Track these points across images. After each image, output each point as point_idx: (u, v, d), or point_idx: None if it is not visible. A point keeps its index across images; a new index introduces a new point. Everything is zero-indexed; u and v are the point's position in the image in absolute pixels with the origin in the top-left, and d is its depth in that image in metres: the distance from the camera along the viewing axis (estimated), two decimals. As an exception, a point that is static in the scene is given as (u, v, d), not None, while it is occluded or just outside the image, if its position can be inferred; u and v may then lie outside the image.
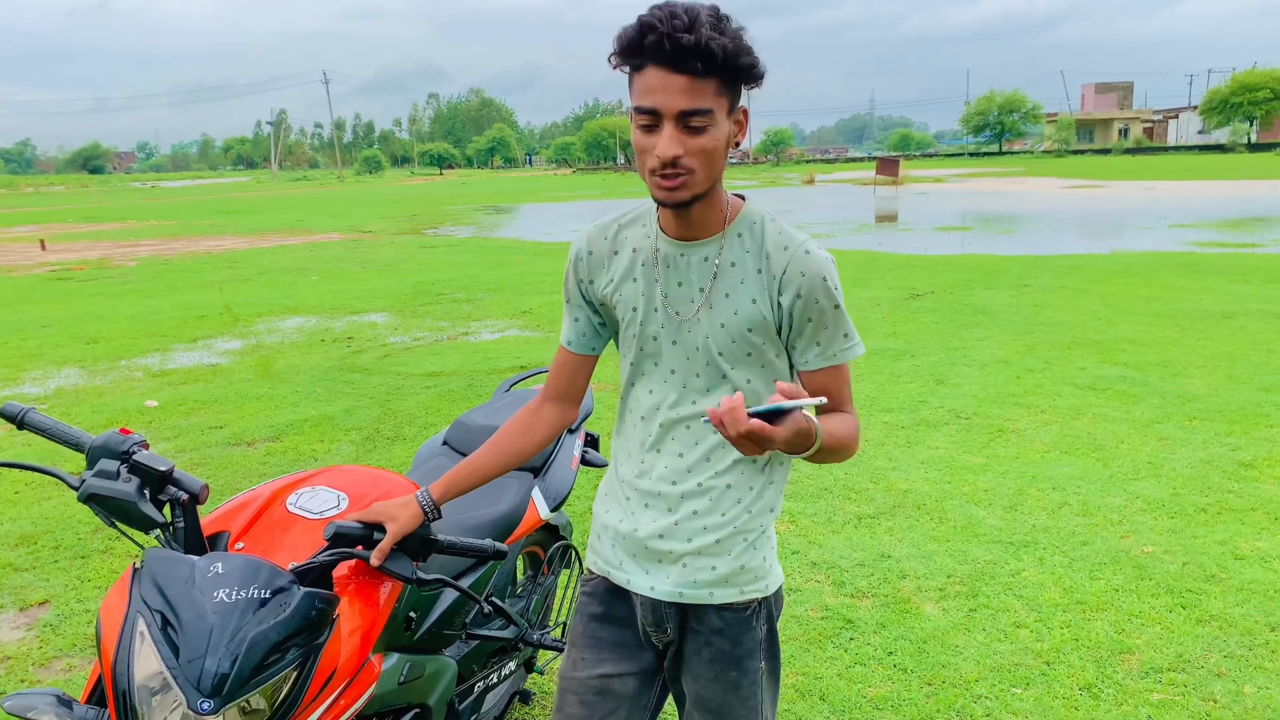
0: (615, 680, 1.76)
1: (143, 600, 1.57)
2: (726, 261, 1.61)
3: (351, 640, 1.75)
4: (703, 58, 1.39)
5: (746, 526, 1.70)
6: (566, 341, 1.81)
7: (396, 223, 26.73)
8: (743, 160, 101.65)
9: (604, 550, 1.79)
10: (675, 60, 1.40)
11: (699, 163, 1.47)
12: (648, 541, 1.70)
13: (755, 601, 1.72)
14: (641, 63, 1.44)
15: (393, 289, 12.67)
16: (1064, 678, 3.11)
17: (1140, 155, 70.63)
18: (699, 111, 1.43)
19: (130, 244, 22.13)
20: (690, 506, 1.68)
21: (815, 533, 4.28)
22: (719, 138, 1.48)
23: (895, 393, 6.57)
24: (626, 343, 1.73)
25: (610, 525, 1.77)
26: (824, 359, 1.63)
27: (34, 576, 4.08)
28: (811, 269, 1.59)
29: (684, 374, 1.66)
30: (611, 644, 1.78)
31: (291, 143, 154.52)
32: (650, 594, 1.72)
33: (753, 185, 46.92)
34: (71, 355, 8.85)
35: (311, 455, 5.58)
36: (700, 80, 1.42)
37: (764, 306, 1.60)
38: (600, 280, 1.73)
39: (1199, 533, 4.16)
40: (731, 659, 1.72)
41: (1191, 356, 7.32)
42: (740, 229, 1.62)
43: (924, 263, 13.90)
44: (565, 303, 1.81)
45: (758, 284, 1.60)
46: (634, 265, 1.68)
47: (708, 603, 1.70)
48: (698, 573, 1.69)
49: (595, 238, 1.74)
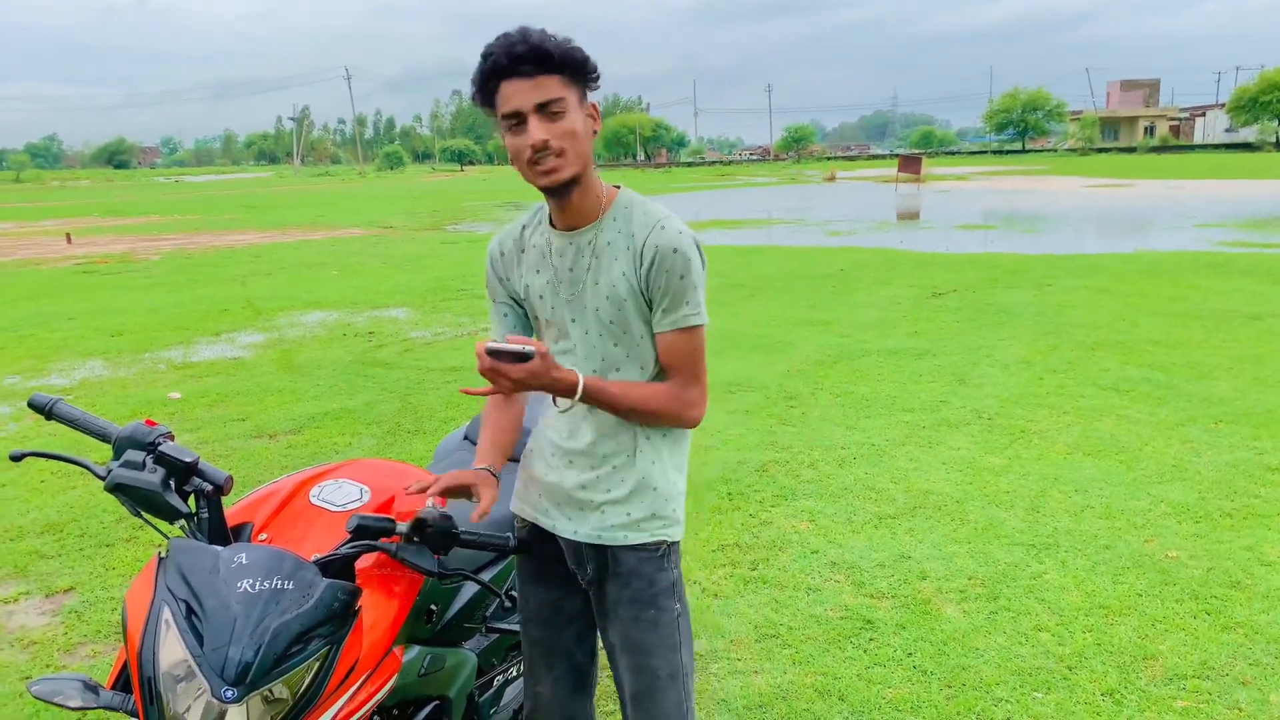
0: (564, 601, 2.04)
1: (168, 589, 1.58)
2: (603, 242, 1.83)
3: (373, 632, 1.76)
4: (539, 55, 1.66)
5: (658, 480, 1.92)
6: (501, 337, 1.96)
7: (417, 218, 26.84)
8: (763, 157, 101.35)
9: (531, 499, 2.01)
10: (518, 66, 1.67)
11: (566, 143, 1.70)
12: (572, 492, 1.92)
13: (664, 544, 1.94)
14: (495, 84, 1.70)
15: (413, 284, 12.72)
16: (1086, 683, 3.08)
17: (1166, 153, 69.88)
18: (552, 100, 1.68)
19: (154, 238, 22.33)
20: (611, 462, 1.90)
21: (835, 532, 4.26)
22: (576, 123, 1.71)
23: (916, 393, 6.54)
24: (542, 326, 1.95)
25: (538, 478, 1.99)
26: (668, 323, 1.82)
27: (60, 564, 4.13)
28: (664, 241, 1.78)
29: (589, 345, 1.87)
30: (554, 576, 2.03)
31: (314, 139, 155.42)
32: (574, 537, 1.94)
33: (773, 182, 46.78)
34: (96, 347, 8.94)
35: (333, 448, 5.61)
36: (545, 77, 1.68)
37: (632, 277, 1.81)
38: (514, 277, 1.95)
39: (1224, 538, 4.11)
40: (648, 598, 1.93)
41: (1217, 358, 7.24)
42: (615, 214, 1.84)
43: (946, 261, 13.81)
44: (491, 302, 2.02)
45: (627, 259, 1.81)
46: (536, 258, 1.91)
47: (622, 544, 1.92)
48: (613, 518, 1.91)
49: (505, 240, 1.97)
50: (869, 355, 7.66)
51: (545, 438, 1.99)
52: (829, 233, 19.21)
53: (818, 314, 9.69)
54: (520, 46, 1.66)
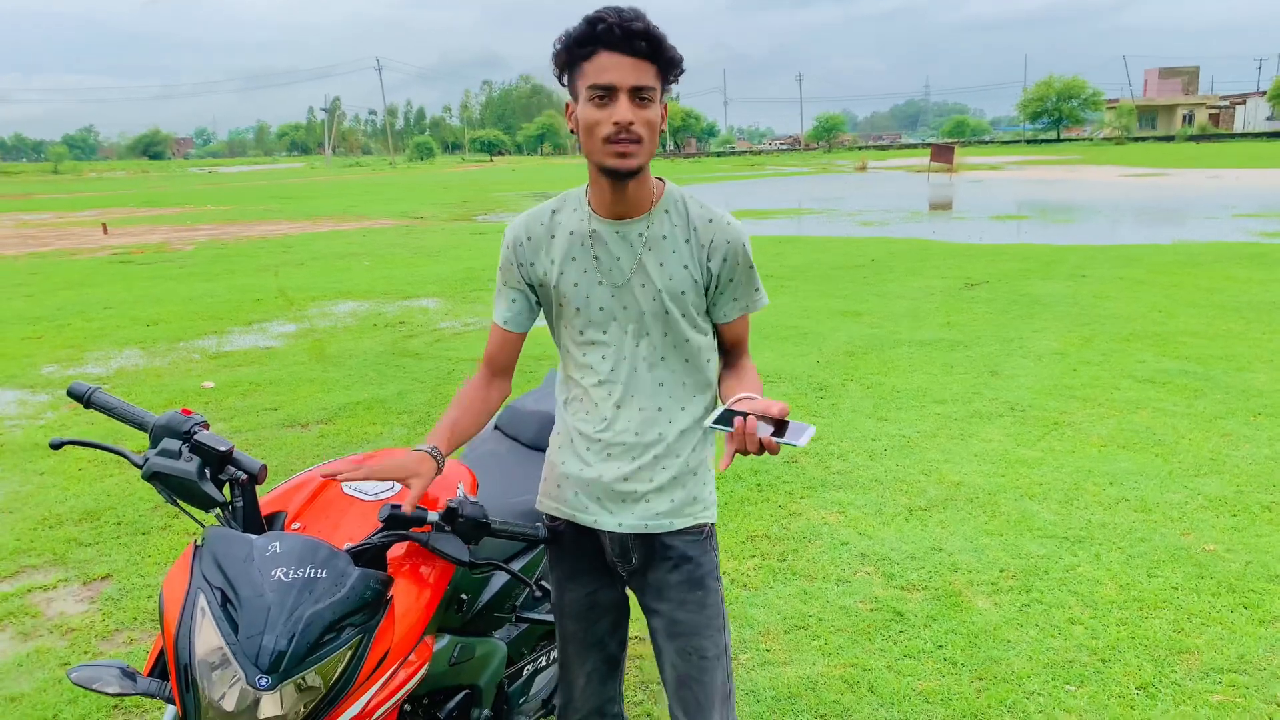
0: (599, 594, 2.06)
1: (203, 577, 1.60)
2: (657, 235, 1.85)
3: (405, 621, 1.77)
4: (649, 40, 1.67)
5: (696, 464, 1.96)
6: (504, 321, 1.98)
7: (448, 209, 26.95)
8: (794, 147, 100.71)
9: (566, 497, 1.99)
10: (626, 43, 1.66)
11: (646, 132, 1.72)
12: (613, 485, 1.93)
13: (706, 525, 1.99)
14: (592, 50, 1.68)
15: (444, 274, 12.79)
16: (1120, 676, 3.05)
17: (1205, 142, 68.70)
18: (647, 88, 1.70)
19: (188, 228, 22.60)
20: (652, 451, 1.92)
21: (865, 524, 4.24)
22: (658, 116, 1.74)
23: (949, 384, 6.48)
24: (570, 316, 1.92)
25: (571, 474, 1.97)
26: (739, 309, 1.93)
27: (96, 551, 4.19)
28: (733, 236, 1.87)
29: (632, 337, 1.88)
30: (588, 569, 2.04)
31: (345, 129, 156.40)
32: (618, 529, 1.95)
33: (804, 172, 46.51)
34: (132, 336, 9.07)
35: (364, 438, 5.66)
36: (646, 63, 1.69)
37: (695, 270, 1.85)
38: (540, 261, 1.92)
39: (1263, 531, 4.05)
40: (697, 579, 1.98)
41: (1257, 350, 7.11)
42: (666, 206, 1.86)
43: (979, 252, 13.67)
44: (501, 285, 1.98)
45: (688, 252, 1.85)
46: (572, 245, 1.88)
47: (668, 530, 1.95)
48: (658, 505, 1.93)
49: (531, 224, 1.93)
50: (900, 346, 7.60)
51: (575, 431, 1.98)
52: (861, 223, 19.06)
53: (849, 304, 9.63)
54: (637, 24, 1.66)
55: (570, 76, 1.75)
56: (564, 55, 1.73)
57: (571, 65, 1.73)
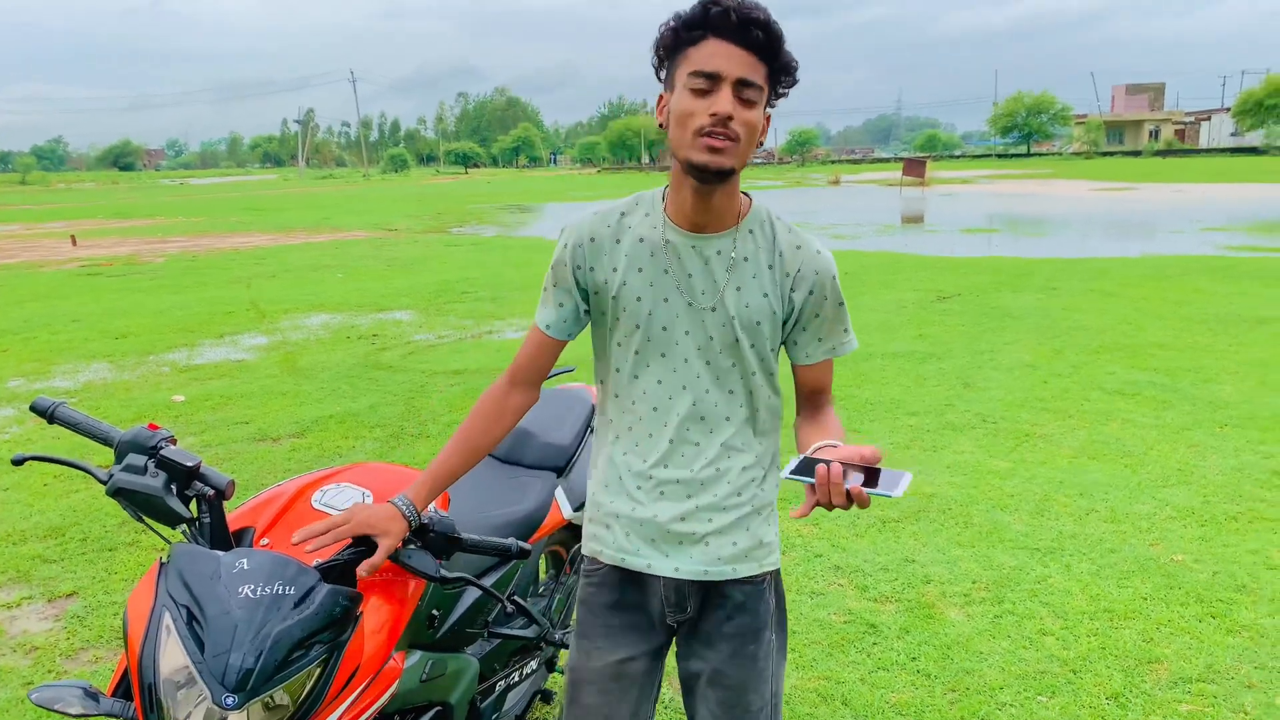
0: (630, 664, 1.80)
1: (169, 595, 1.58)
2: (740, 256, 1.67)
3: (375, 638, 1.75)
4: (765, 31, 1.51)
5: (761, 503, 1.79)
6: (546, 325, 1.78)
7: (421, 221, 26.85)
8: (768, 160, 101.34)
9: (615, 539, 1.79)
10: (740, 32, 1.51)
11: (745, 133, 1.54)
12: (669, 525, 1.74)
13: (770, 574, 1.81)
14: (702, 35, 1.53)
15: (417, 287, 12.73)
16: (1091, 686, 3.07)
17: (1171, 157, 69.78)
18: (754, 84, 1.53)
19: (159, 240, 22.37)
20: (710, 489, 1.74)
21: (839, 536, 4.25)
22: (760, 119, 1.57)
23: (921, 396, 6.52)
24: (626, 332, 1.72)
25: (622, 514, 1.78)
26: (824, 351, 1.76)
27: (62, 568, 4.12)
28: (823, 268, 1.69)
29: (696, 364, 1.70)
30: (625, 629, 1.81)
31: (319, 141, 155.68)
32: (675, 575, 1.76)
33: (778, 186, 46.77)
34: (100, 350, 8.95)
35: (336, 451, 5.61)
36: (758, 60, 1.53)
37: (775, 301, 1.68)
38: (602, 268, 1.72)
39: (1230, 541, 4.10)
40: (751, 632, 1.79)
41: (1224, 362, 7.21)
42: (751, 225, 1.69)
43: (950, 265, 13.80)
44: (551, 286, 1.77)
45: (770, 279, 1.67)
46: (640, 254, 1.69)
47: (730, 578, 1.77)
48: (720, 550, 1.75)
49: (597, 225, 1.73)
50: (873, 359, 7.65)
51: (623, 467, 1.79)
52: (833, 236, 19.18)
53: (822, 317, 9.66)
54: (758, 14, 1.51)
55: (670, 64, 1.58)
56: (670, 38, 1.56)
57: (675, 51, 1.56)
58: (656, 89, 1.66)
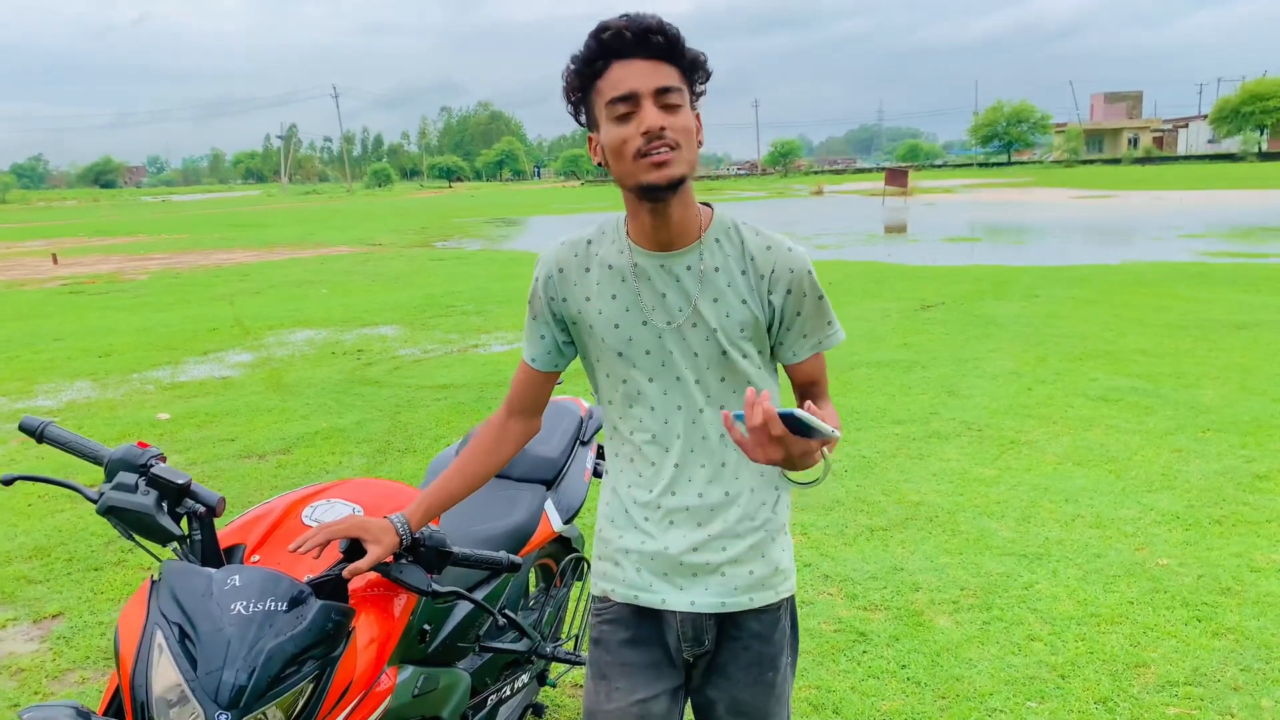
0: (651, 703, 1.73)
1: (161, 613, 1.58)
2: (710, 267, 1.63)
3: (367, 652, 1.75)
4: (662, 34, 1.50)
5: (774, 527, 1.74)
6: (531, 359, 1.79)
7: (406, 235, 26.83)
8: (751, 171, 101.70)
9: (626, 575, 1.74)
10: (640, 45, 1.49)
11: (682, 137, 1.51)
12: (681, 558, 1.69)
13: (785, 599, 1.77)
14: (604, 64, 1.51)
15: (403, 302, 12.71)
16: (1079, 691, 3.09)
17: (1150, 165, 70.49)
18: (672, 89, 1.51)
19: (141, 258, 22.26)
20: (720, 516, 1.68)
21: (827, 545, 4.27)
22: (691, 120, 1.54)
23: (906, 404, 6.56)
24: (611, 362, 1.69)
25: (632, 549, 1.73)
26: (810, 347, 1.72)
27: (47, 589, 4.09)
28: (797, 265, 1.65)
29: (688, 383, 1.66)
30: (644, 667, 1.74)
31: (301, 157, 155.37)
32: (690, 609, 1.70)
33: (761, 196, 46.96)
34: (84, 368, 8.89)
35: (323, 468, 5.59)
36: (666, 64, 1.51)
37: (755, 306, 1.64)
38: (574, 298, 1.69)
39: (1214, 545, 4.13)
40: (767, 660, 1.75)
41: (1204, 367, 7.28)
42: (716, 235, 1.65)
43: (933, 274, 13.88)
44: (530, 319, 1.77)
45: (746, 285, 1.63)
46: (611, 280, 1.66)
47: (748, 608, 1.72)
48: (736, 580, 1.70)
49: (565, 255, 1.71)
50: (859, 368, 7.68)
51: (628, 498, 1.74)
52: (817, 246, 19.27)
53: (807, 327, 9.70)
54: (650, 21, 1.49)
55: (585, 104, 1.57)
56: (575, 80, 1.54)
57: (585, 90, 1.55)
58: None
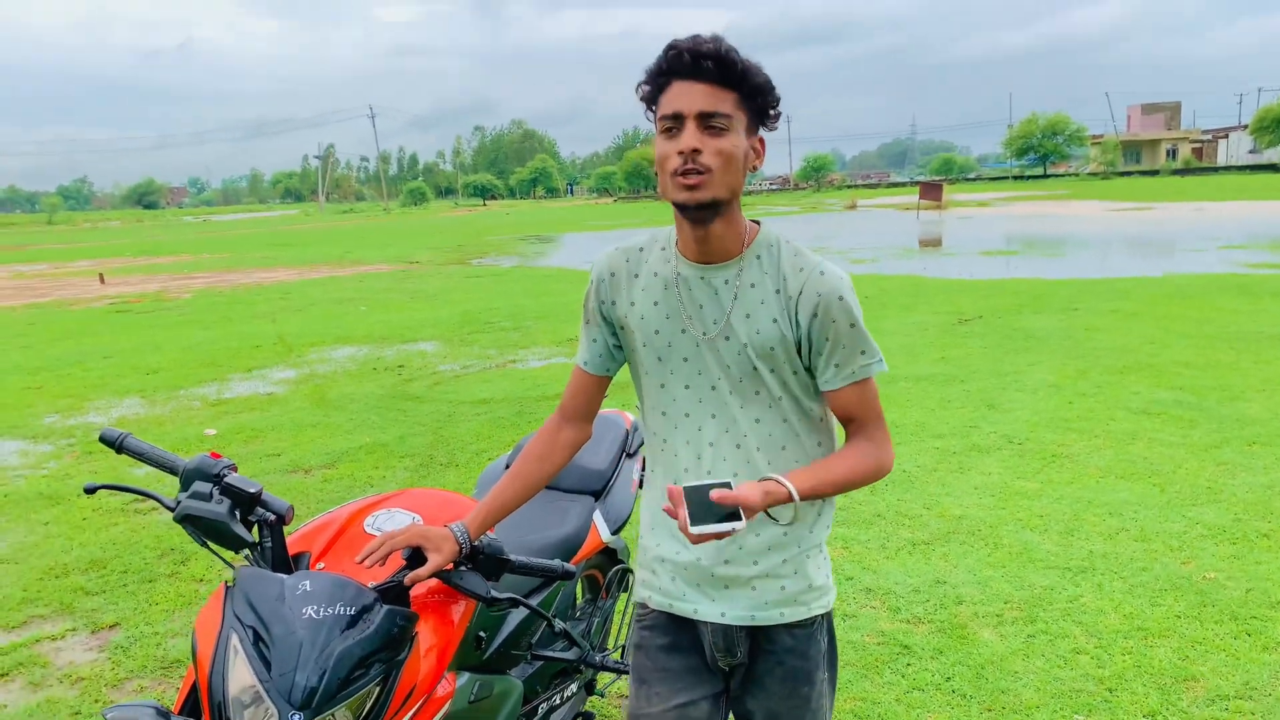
0: (691, 708, 1.76)
1: (235, 616, 1.64)
2: (746, 283, 1.66)
3: (429, 657, 1.81)
4: (720, 63, 1.53)
5: (809, 544, 1.74)
6: (583, 362, 1.85)
7: (443, 253, 27.11)
8: (783, 186, 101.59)
9: (663, 584, 1.78)
10: (696, 69, 1.53)
11: (718, 163, 1.54)
12: (713, 569, 1.72)
13: (820, 616, 1.77)
14: (667, 81, 1.57)
15: (441, 318, 12.86)
16: (1127, 705, 3.08)
17: (1189, 176, 69.52)
18: (718, 114, 1.54)
19: (185, 277, 22.70)
20: (753, 528, 1.69)
21: (869, 559, 4.27)
22: (738, 145, 1.56)
23: (946, 418, 6.54)
24: (651, 366, 1.75)
25: (667, 558, 1.77)
26: (843, 377, 1.68)
27: (104, 600, 4.20)
28: (826, 288, 1.64)
29: (722, 393, 1.69)
30: (683, 672, 1.78)
31: (338, 176, 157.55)
32: (721, 620, 1.73)
33: (794, 211, 46.90)
34: (132, 385, 9.09)
35: (367, 482, 5.69)
36: (720, 89, 1.54)
37: (785, 325, 1.65)
38: (621, 302, 1.76)
39: (1262, 558, 4.09)
40: (803, 674, 1.76)
41: (1249, 380, 7.19)
42: (758, 251, 1.67)
43: (970, 287, 13.81)
44: (584, 324, 1.85)
45: (777, 303, 1.65)
46: (655, 288, 1.72)
47: (779, 623, 1.73)
48: (767, 594, 1.72)
49: (617, 260, 1.78)
50: (897, 382, 7.67)
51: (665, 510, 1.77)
52: (852, 260, 19.23)
53: (843, 341, 9.69)
54: (707, 46, 1.53)
55: (652, 114, 1.62)
56: (647, 91, 1.62)
57: (653, 101, 1.61)
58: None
